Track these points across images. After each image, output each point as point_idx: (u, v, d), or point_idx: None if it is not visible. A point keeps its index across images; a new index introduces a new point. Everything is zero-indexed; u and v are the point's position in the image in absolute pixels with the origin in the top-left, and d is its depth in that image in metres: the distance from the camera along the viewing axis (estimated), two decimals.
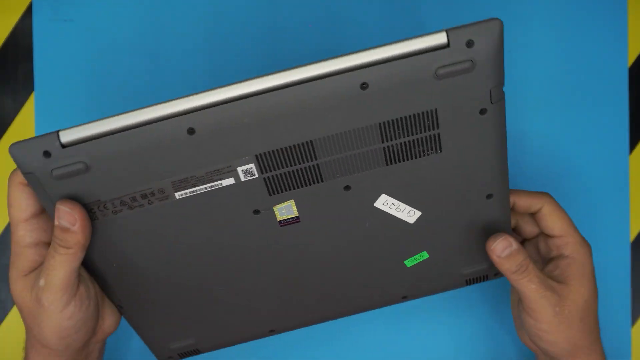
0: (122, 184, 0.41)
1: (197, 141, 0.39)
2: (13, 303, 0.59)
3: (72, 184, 0.40)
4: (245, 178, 0.42)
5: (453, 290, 0.54)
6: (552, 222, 0.49)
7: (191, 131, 0.39)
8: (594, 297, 0.48)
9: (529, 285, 0.46)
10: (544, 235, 0.50)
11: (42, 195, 0.41)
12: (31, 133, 0.59)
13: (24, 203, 0.42)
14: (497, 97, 0.41)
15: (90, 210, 0.42)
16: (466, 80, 0.39)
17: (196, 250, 0.45)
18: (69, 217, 0.40)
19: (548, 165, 0.58)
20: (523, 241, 0.53)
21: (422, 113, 0.40)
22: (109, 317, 0.46)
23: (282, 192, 0.43)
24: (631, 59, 0.59)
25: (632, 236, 0.59)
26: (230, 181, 0.42)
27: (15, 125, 0.59)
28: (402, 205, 0.45)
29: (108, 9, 0.59)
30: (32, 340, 0.44)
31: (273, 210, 0.44)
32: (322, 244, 0.47)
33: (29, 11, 0.59)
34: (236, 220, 0.44)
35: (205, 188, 0.42)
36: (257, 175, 0.42)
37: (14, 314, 0.59)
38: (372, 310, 0.54)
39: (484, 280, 0.53)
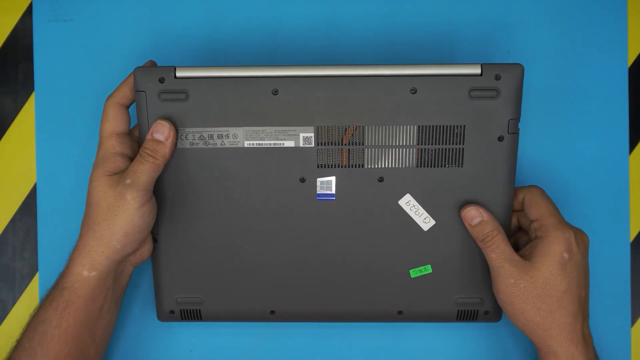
0: (207, 121, 0.50)
1: (277, 101, 0.50)
2: (13, 303, 0.59)
3: (170, 108, 0.50)
4: (303, 144, 0.51)
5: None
6: (530, 207, 0.52)
7: (275, 92, 0.50)
8: (557, 280, 0.49)
9: (490, 254, 0.50)
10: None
11: (143, 112, 0.50)
12: (31, 133, 0.59)
13: (120, 119, 0.51)
14: (514, 129, 0.50)
15: None
16: (491, 106, 0.50)
17: (241, 200, 0.52)
18: (164, 132, 0.49)
19: (548, 164, 0.58)
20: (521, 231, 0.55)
21: (454, 126, 0.50)
22: (147, 245, 0.53)
23: (328, 167, 0.51)
24: (631, 59, 0.59)
25: (632, 236, 0.59)
26: (290, 144, 0.51)
27: (15, 125, 0.59)
28: (421, 210, 0.52)
29: (108, 9, 0.59)
30: (88, 242, 0.50)
31: (316, 182, 0.51)
32: (346, 229, 0.52)
33: (29, 11, 0.59)
34: (284, 183, 0.51)
35: (270, 144, 0.50)
36: (313, 145, 0.51)
37: (14, 314, 0.59)
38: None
39: (473, 319, 0.55)
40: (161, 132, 0.49)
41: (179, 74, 0.49)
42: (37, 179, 0.59)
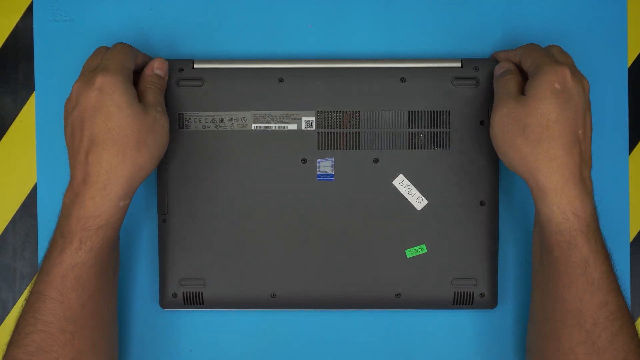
0: (219, 106, 0.56)
1: (282, 88, 0.56)
2: (13, 303, 0.59)
3: (186, 93, 0.56)
4: (305, 128, 0.56)
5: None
6: (526, 58, 0.52)
7: (281, 80, 0.56)
8: (547, 108, 0.48)
9: (495, 90, 0.52)
10: None
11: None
12: (32, 133, 0.59)
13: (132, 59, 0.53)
14: None
15: (187, 120, 0.56)
16: (472, 93, 0.56)
17: (247, 180, 0.56)
18: (164, 68, 0.54)
19: None
20: None
21: (440, 112, 0.56)
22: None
23: (328, 148, 0.56)
24: (631, 59, 0.59)
25: (632, 236, 0.59)
26: (294, 127, 0.56)
27: (15, 124, 0.59)
28: (414, 190, 0.56)
29: (108, 10, 0.59)
30: (121, 167, 0.49)
31: (316, 163, 0.56)
32: (344, 209, 0.56)
33: (29, 11, 0.59)
34: (287, 163, 0.56)
35: (275, 127, 0.56)
36: (314, 128, 0.56)
37: (14, 314, 0.59)
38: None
39: (469, 303, 0.56)
40: (161, 68, 0.54)
41: (196, 65, 0.56)
42: (37, 179, 0.59)
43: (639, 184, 0.59)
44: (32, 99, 0.59)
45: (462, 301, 0.56)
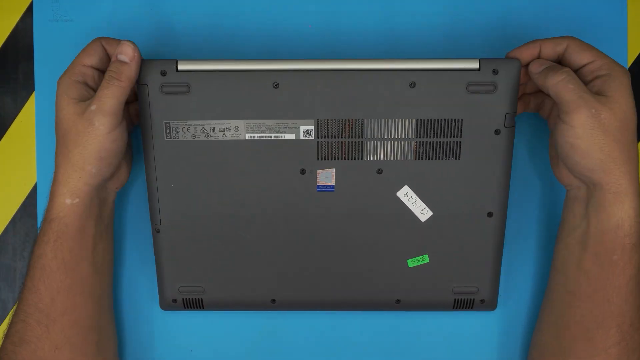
0: (209, 114, 0.51)
1: (278, 94, 0.50)
2: (14, 303, 0.59)
3: (172, 101, 0.51)
4: (304, 137, 0.51)
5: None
6: (581, 51, 0.50)
7: (276, 85, 0.50)
8: (632, 117, 0.48)
9: (567, 86, 0.47)
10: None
11: (146, 104, 0.51)
12: (32, 133, 0.59)
13: (99, 57, 0.51)
14: (510, 123, 0.51)
15: (175, 129, 0.51)
16: (488, 100, 0.50)
17: (242, 192, 0.53)
18: (128, 52, 0.49)
19: (548, 163, 0.58)
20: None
21: (452, 120, 0.51)
22: (124, 169, 0.54)
23: (328, 159, 0.52)
24: (631, 59, 0.59)
25: None
26: (291, 136, 0.51)
27: (15, 124, 0.59)
28: (419, 201, 0.53)
29: (107, 10, 0.59)
30: (64, 170, 0.50)
31: (316, 173, 0.52)
32: (345, 220, 0.53)
33: (29, 11, 0.59)
34: (284, 175, 0.52)
35: (271, 136, 0.51)
36: (313, 138, 0.51)
37: None
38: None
39: (469, 308, 0.56)
40: (125, 52, 0.49)
41: (180, 67, 0.50)
42: (37, 179, 0.59)
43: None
44: (32, 99, 0.59)
45: (462, 306, 0.56)
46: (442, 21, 0.58)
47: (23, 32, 0.59)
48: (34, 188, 0.59)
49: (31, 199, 0.59)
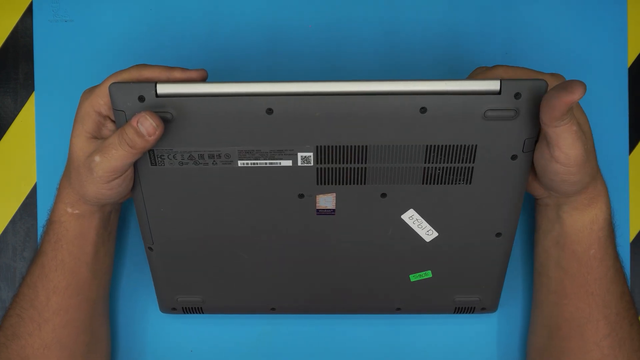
0: (196, 141, 0.46)
1: (272, 121, 0.45)
2: None
3: None
4: (301, 164, 0.47)
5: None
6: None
7: (270, 111, 0.44)
8: (588, 123, 0.48)
9: (571, 128, 0.43)
10: None
11: None
12: (32, 133, 0.59)
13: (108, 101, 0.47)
14: (529, 148, 0.46)
15: (160, 157, 0.47)
16: (507, 127, 0.45)
17: (237, 216, 0.50)
18: (150, 129, 0.44)
19: None
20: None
21: (464, 146, 0.46)
22: (129, 189, 0.50)
23: (328, 184, 0.48)
24: (631, 59, 0.58)
25: (632, 236, 0.59)
26: (288, 163, 0.47)
27: (15, 125, 0.59)
28: (424, 223, 0.50)
29: (107, 10, 0.59)
30: (66, 186, 0.50)
31: (315, 198, 0.49)
32: (346, 240, 0.51)
33: (29, 12, 0.59)
34: (281, 199, 0.49)
35: (265, 163, 0.47)
36: (312, 164, 0.47)
37: None
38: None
39: (470, 312, 0.56)
40: (146, 127, 0.44)
41: (160, 91, 0.44)
42: (37, 178, 0.59)
43: (639, 184, 0.58)
44: (32, 99, 0.59)
45: (462, 311, 0.56)
46: (444, 23, 0.58)
47: (23, 32, 0.59)
48: (34, 188, 0.59)
49: (31, 199, 0.59)
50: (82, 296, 0.52)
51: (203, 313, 0.56)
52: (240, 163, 0.47)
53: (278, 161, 0.47)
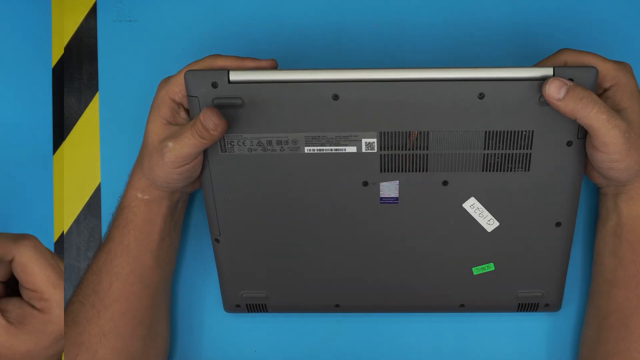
0: (265, 127, 0.48)
1: (338, 107, 0.47)
2: None
3: (225, 113, 0.47)
4: (366, 150, 0.49)
5: None
6: (581, 63, 0.49)
7: (335, 97, 0.47)
8: None
9: (600, 117, 0.45)
10: None
11: None
12: (95, 133, 0.59)
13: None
14: (583, 134, 0.48)
15: (230, 143, 0.49)
16: None
17: (302, 204, 0.51)
18: (211, 125, 0.46)
19: None
20: None
21: (521, 132, 0.48)
22: (198, 179, 0.53)
23: (392, 171, 0.49)
24: None
25: None
26: (352, 149, 0.49)
27: (79, 125, 0.59)
28: (485, 212, 0.51)
29: (171, 10, 0.59)
30: (138, 172, 0.52)
31: (379, 185, 0.50)
32: (409, 231, 0.52)
33: (93, 12, 0.59)
34: (346, 187, 0.50)
35: (331, 150, 0.49)
36: (376, 150, 0.49)
37: None
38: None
39: (533, 310, 0.56)
40: (210, 122, 0.46)
41: (232, 77, 0.47)
42: (101, 179, 0.59)
43: None
44: (96, 99, 0.59)
45: (526, 309, 0.56)
46: (501, 20, 0.58)
47: (87, 32, 0.59)
48: (98, 188, 0.59)
49: (95, 199, 0.59)
50: (143, 284, 0.52)
51: (267, 311, 0.56)
52: (307, 149, 0.49)
53: (343, 147, 0.49)
